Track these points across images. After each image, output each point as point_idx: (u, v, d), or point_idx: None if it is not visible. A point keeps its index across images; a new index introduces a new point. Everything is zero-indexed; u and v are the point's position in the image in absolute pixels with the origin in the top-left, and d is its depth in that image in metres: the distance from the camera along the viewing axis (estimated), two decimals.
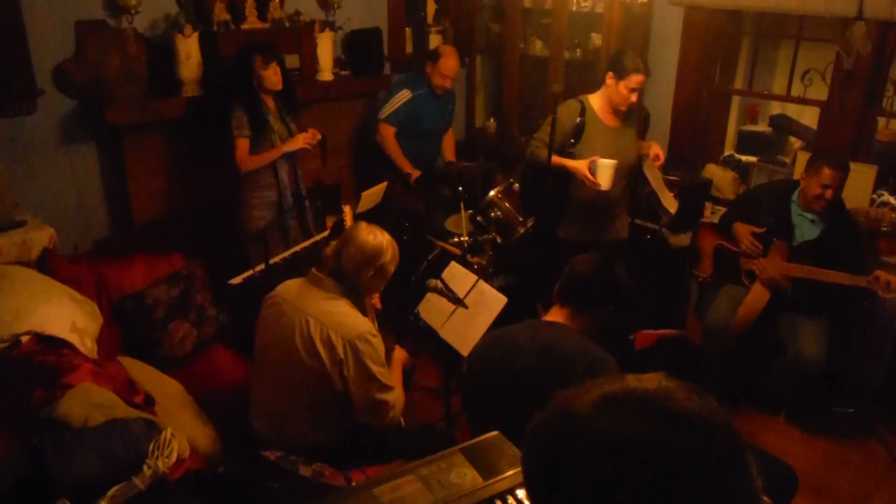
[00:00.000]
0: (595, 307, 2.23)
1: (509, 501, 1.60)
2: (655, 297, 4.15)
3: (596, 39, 4.49)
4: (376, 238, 2.50)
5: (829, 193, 3.20)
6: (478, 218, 3.80)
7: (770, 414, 3.55)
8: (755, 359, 3.56)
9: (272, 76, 3.52)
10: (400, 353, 2.86)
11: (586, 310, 2.22)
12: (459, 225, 3.91)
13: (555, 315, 2.25)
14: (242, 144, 3.50)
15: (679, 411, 0.79)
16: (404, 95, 4.21)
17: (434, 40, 4.95)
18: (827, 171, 3.19)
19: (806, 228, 3.36)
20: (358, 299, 2.58)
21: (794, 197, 3.39)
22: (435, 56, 4.20)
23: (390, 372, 2.63)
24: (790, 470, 2.41)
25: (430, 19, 4.93)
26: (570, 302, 2.23)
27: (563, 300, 2.25)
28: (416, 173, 4.21)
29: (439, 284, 2.91)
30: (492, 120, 5.23)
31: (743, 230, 3.45)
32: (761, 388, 3.59)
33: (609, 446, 0.77)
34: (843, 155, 3.34)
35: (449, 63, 4.18)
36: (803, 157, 3.99)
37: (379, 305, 2.84)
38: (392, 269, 2.56)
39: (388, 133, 4.22)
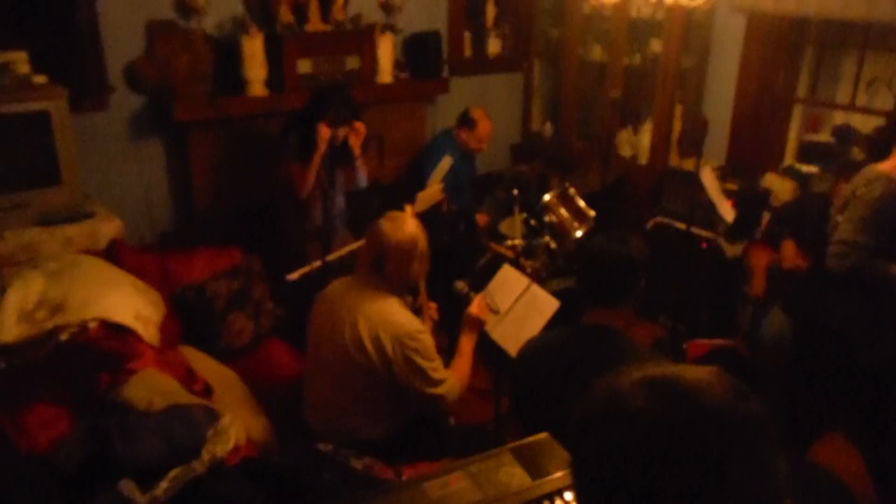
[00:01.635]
0: (629, 293, 2.13)
1: (557, 503, 1.62)
2: (709, 306, 4.09)
3: (655, 45, 4.45)
4: (405, 231, 2.50)
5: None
6: (532, 222, 3.80)
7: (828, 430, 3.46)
8: (813, 373, 3.46)
9: (335, 135, 3.47)
10: (468, 335, 2.80)
11: (623, 299, 2.13)
12: (513, 228, 3.92)
13: (595, 316, 2.15)
14: (297, 170, 3.50)
15: (707, 403, 0.83)
16: (447, 163, 4.18)
17: (493, 45, 4.98)
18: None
19: None
20: (406, 297, 2.61)
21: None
22: (471, 123, 4.23)
23: (458, 349, 2.68)
24: (847, 490, 2.35)
25: (489, 23, 4.96)
26: (604, 301, 2.13)
27: (595, 301, 2.15)
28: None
29: (465, 288, 2.92)
30: (548, 124, 5.22)
31: (790, 250, 3.35)
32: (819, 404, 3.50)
33: (634, 422, 0.85)
34: None
35: (486, 126, 4.23)
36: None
37: (436, 316, 2.85)
38: (427, 247, 2.56)
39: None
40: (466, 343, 2.77)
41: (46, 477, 1.81)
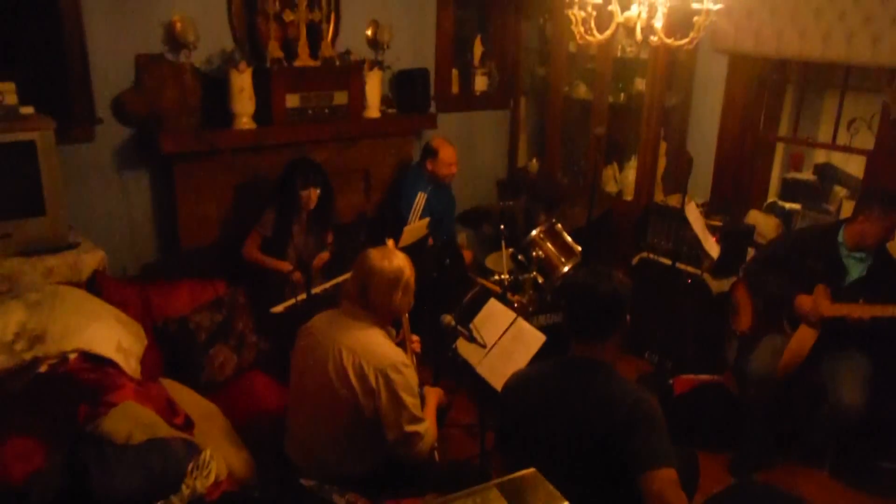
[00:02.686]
0: (614, 327, 2.13)
1: None
2: (695, 341, 4.09)
3: (640, 84, 4.53)
4: (392, 262, 2.51)
5: (886, 234, 3.22)
6: (519, 257, 3.81)
7: (813, 467, 3.44)
8: (797, 408, 3.46)
9: (306, 198, 3.71)
10: (434, 389, 2.85)
11: (609, 333, 2.13)
12: (500, 263, 3.93)
13: (581, 350, 2.15)
14: (255, 238, 3.77)
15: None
16: (421, 198, 4.29)
17: (480, 82, 5.05)
18: (886, 220, 3.20)
19: (856, 269, 3.32)
20: (390, 327, 2.60)
21: (840, 238, 3.35)
22: (432, 152, 4.29)
23: (423, 405, 2.63)
24: None
25: (476, 61, 5.03)
26: (591, 336, 2.14)
27: (580, 336, 2.15)
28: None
29: (452, 322, 2.91)
30: (534, 160, 5.27)
31: (809, 303, 3.32)
32: (804, 440, 3.49)
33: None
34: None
35: (448, 152, 4.29)
36: (849, 206, 3.93)
37: (418, 349, 2.85)
38: (414, 280, 2.57)
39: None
40: (432, 402, 2.76)
41: None
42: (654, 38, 2.60)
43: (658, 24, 2.50)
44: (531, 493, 1.71)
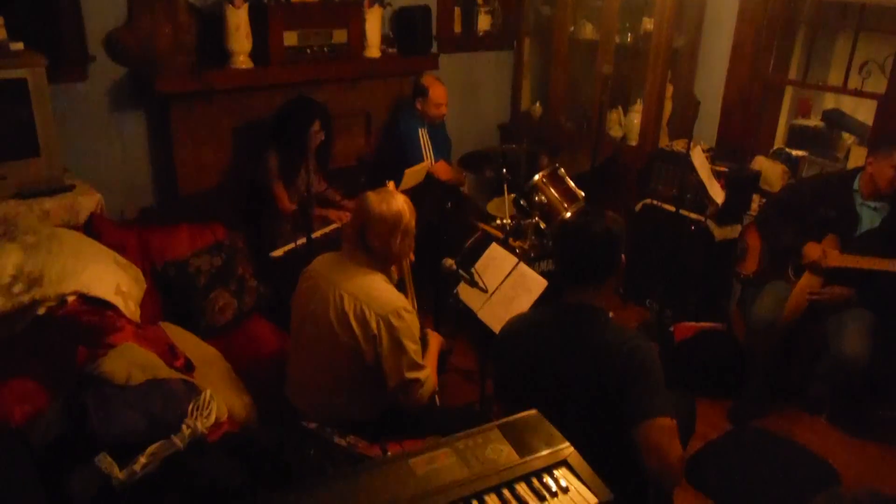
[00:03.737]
0: (608, 270, 2.09)
1: (545, 480, 1.59)
2: (697, 289, 4.08)
3: (647, 24, 4.40)
4: (390, 205, 2.46)
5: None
6: (521, 202, 3.76)
7: (813, 414, 3.47)
8: (799, 357, 3.47)
9: (315, 136, 3.66)
10: (436, 336, 2.84)
11: (602, 277, 2.09)
12: (502, 208, 3.88)
13: (574, 295, 2.11)
14: (280, 191, 3.68)
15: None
16: (424, 135, 4.22)
17: (483, 21, 4.91)
18: None
19: (869, 218, 3.29)
20: (391, 272, 2.56)
21: (856, 186, 3.30)
22: (423, 91, 4.17)
23: (424, 352, 2.62)
24: (832, 470, 2.35)
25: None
26: (586, 280, 2.09)
27: (573, 280, 2.11)
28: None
29: (454, 266, 2.88)
30: (538, 104, 5.17)
31: (817, 251, 3.29)
32: (805, 388, 3.51)
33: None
34: None
35: (439, 92, 4.18)
36: (857, 153, 3.87)
37: (412, 257, 2.76)
38: (414, 223, 2.52)
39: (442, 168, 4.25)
40: (433, 348, 2.74)
41: (22, 450, 1.76)
42: None
43: None
44: (532, 434, 1.71)
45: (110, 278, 2.64)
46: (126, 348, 2.08)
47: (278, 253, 3.43)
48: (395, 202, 2.48)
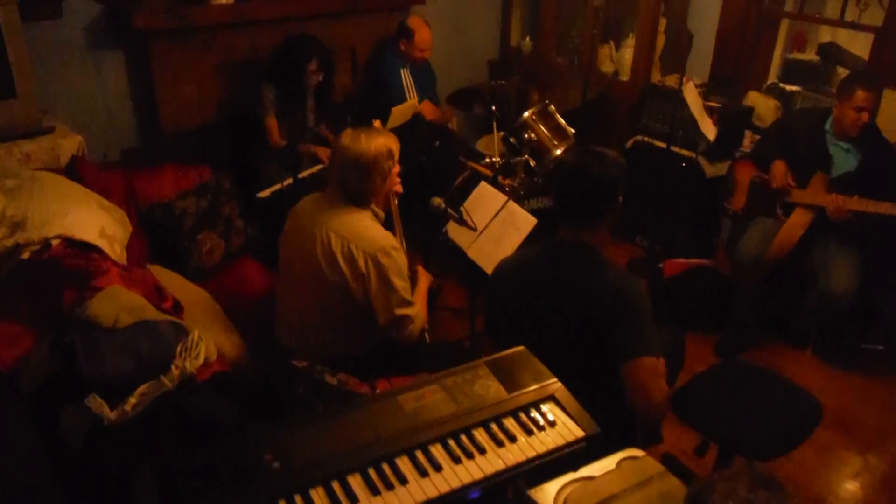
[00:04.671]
0: (604, 211, 2.07)
1: (532, 414, 1.61)
2: (688, 226, 4.08)
3: None
4: (362, 145, 2.39)
5: (864, 116, 3.14)
6: (511, 139, 3.72)
7: (798, 348, 3.52)
8: (785, 292, 3.49)
9: (314, 76, 3.60)
10: (425, 274, 2.84)
11: (599, 217, 2.07)
12: (491, 146, 3.84)
13: (569, 234, 2.10)
14: (272, 124, 3.60)
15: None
16: (407, 76, 4.13)
17: None
18: (860, 93, 3.11)
19: (842, 158, 3.28)
20: (377, 210, 2.53)
21: (828, 126, 3.28)
22: (408, 32, 4.05)
23: (414, 289, 2.62)
24: (815, 400, 2.38)
25: None
26: (580, 221, 2.08)
27: (574, 218, 2.09)
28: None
29: (443, 204, 2.86)
30: (527, 39, 5.06)
31: (780, 170, 3.33)
32: (790, 322, 3.55)
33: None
34: (875, 75, 3.21)
35: (424, 35, 4.07)
36: None
37: (400, 189, 2.70)
38: (386, 166, 2.44)
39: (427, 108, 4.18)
40: (423, 285, 2.73)
41: (11, 392, 1.76)
42: None
43: None
44: (520, 370, 1.72)
45: (95, 221, 2.61)
46: (113, 290, 2.07)
47: (265, 193, 3.40)
48: (369, 142, 2.41)
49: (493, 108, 3.79)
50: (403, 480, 1.42)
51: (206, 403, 1.75)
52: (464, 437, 1.53)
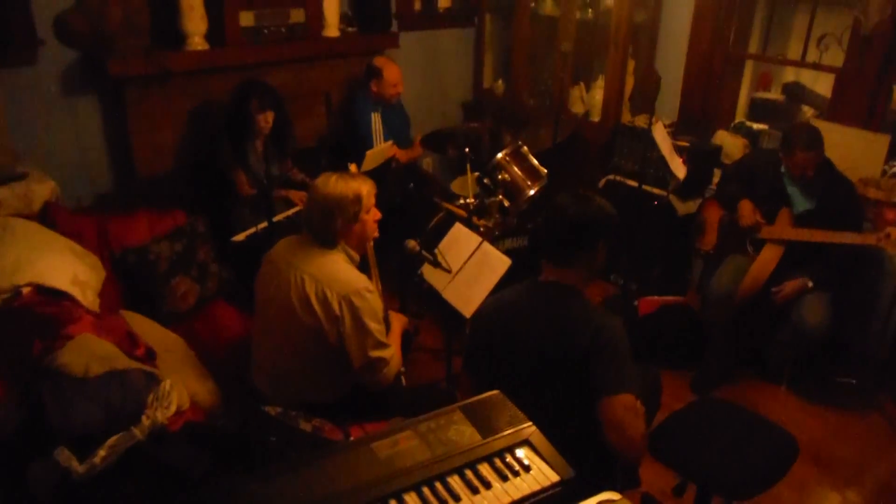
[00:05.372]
0: (587, 253, 2.10)
1: (507, 459, 1.60)
2: (661, 263, 4.12)
3: (608, 0, 4.39)
4: (336, 186, 2.43)
5: (809, 172, 3.22)
6: (485, 180, 3.75)
7: (772, 383, 3.54)
8: (758, 327, 3.53)
9: (262, 122, 3.57)
10: (398, 316, 2.84)
11: (580, 259, 2.10)
12: (465, 187, 3.87)
13: (550, 273, 2.13)
14: (239, 175, 3.62)
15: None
16: (377, 119, 4.17)
17: None
18: (799, 155, 3.20)
19: (801, 198, 3.36)
20: (352, 253, 2.54)
21: (783, 169, 3.35)
22: (376, 73, 4.11)
23: (388, 332, 2.62)
24: (790, 437, 2.40)
25: None
26: (561, 260, 2.11)
27: (552, 258, 2.13)
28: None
29: (417, 247, 2.87)
30: (500, 81, 5.15)
31: (748, 208, 3.40)
32: (763, 357, 3.58)
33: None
34: (811, 131, 3.23)
35: (393, 71, 4.13)
36: (817, 125, 3.91)
37: (377, 234, 2.70)
38: (363, 210, 2.47)
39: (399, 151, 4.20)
40: (397, 328, 2.74)
41: None
42: None
43: None
44: (495, 415, 1.71)
45: (67, 268, 2.59)
46: (83, 339, 2.04)
47: (240, 237, 3.39)
48: (336, 185, 2.44)
49: (467, 149, 3.84)
50: None
51: (178, 454, 1.72)
52: (438, 485, 1.52)
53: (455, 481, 1.54)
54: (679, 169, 3.76)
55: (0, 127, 2.97)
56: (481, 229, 3.56)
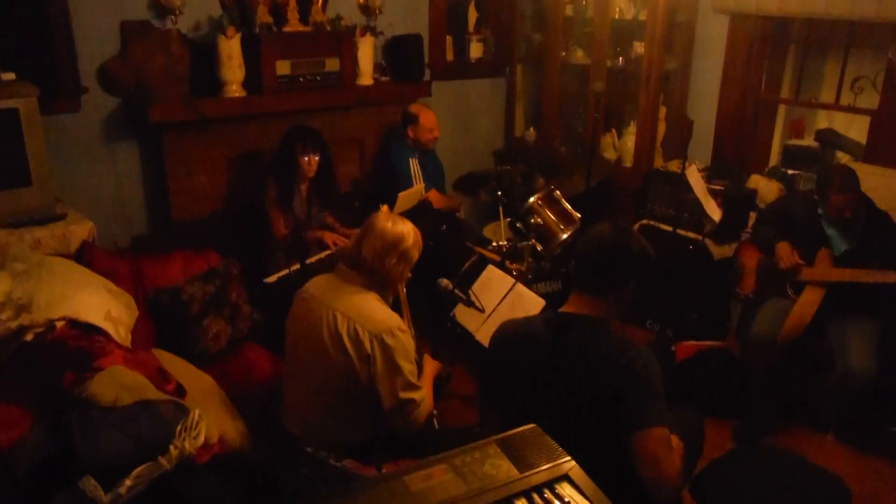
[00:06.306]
0: (617, 287, 2.05)
1: (546, 495, 1.53)
2: (698, 308, 4.03)
3: (639, 48, 4.43)
4: (396, 225, 2.46)
5: (847, 213, 3.16)
6: (517, 224, 3.74)
7: (818, 431, 3.40)
8: (802, 373, 3.41)
9: (306, 165, 3.64)
10: (431, 361, 2.79)
11: (609, 292, 2.05)
12: (498, 233, 3.86)
13: (576, 304, 2.08)
14: (276, 216, 3.68)
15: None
16: (415, 164, 4.25)
17: (475, 49, 4.95)
18: (835, 198, 3.15)
19: (840, 238, 3.29)
20: (386, 293, 2.52)
21: (821, 210, 3.29)
22: (413, 119, 4.20)
23: (421, 375, 2.57)
24: (843, 485, 2.28)
25: (471, 28, 4.94)
26: (590, 288, 2.06)
27: (581, 287, 2.08)
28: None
29: (450, 286, 2.84)
30: (531, 129, 5.18)
31: (786, 250, 3.33)
32: (809, 405, 3.44)
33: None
34: (846, 173, 3.18)
35: (429, 117, 4.22)
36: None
37: (409, 274, 2.69)
38: (416, 254, 2.50)
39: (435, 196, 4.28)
40: (429, 371, 2.69)
41: (4, 475, 1.70)
42: None
43: None
44: (531, 448, 1.65)
45: (101, 304, 2.60)
46: (114, 370, 2.03)
47: (272, 279, 3.40)
48: (402, 225, 2.48)
49: (500, 192, 3.84)
50: None
51: (205, 487, 1.68)
52: None
53: None
54: (714, 211, 3.71)
55: (43, 171, 3.03)
56: (514, 273, 3.53)
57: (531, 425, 1.73)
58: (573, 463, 1.61)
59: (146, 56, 3.57)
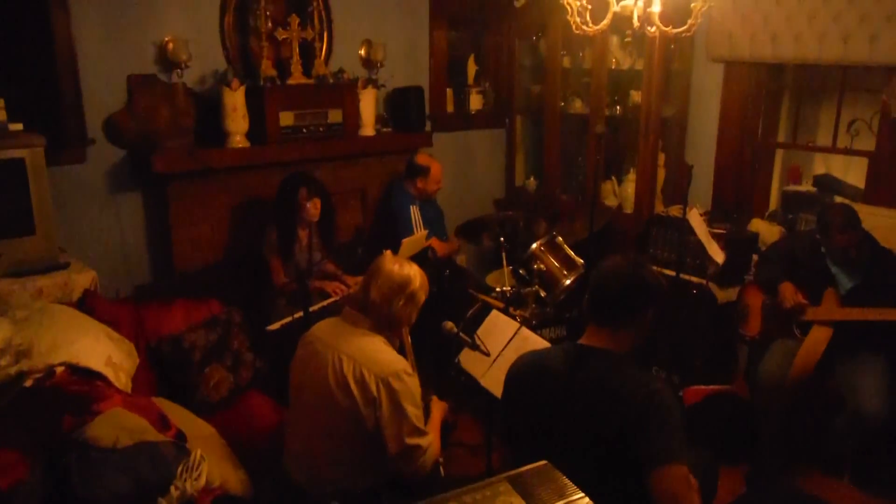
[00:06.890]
0: (635, 317, 2.04)
1: None
2: (704, 353, 3.99)
3: (636, 97, 4.50)
4: (403, 268, 2.46)
5: (851, 252, 3.15)
6: (520, 271, 3.73)
7: (833, 476, 3.31)
8: (814, 416, 3.35)
9: (311, 209, 3.67)
10: (439, 403, 2.75)
11: (627, 323, 2.03)
12: (501, 280, 3.85)
13: (592, 337, 2.06)
14: (276, 264, 3.69)
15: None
16: (416, 212, 4.28)
17: (475, 101, 5.03)
18: (838, 238, 3.14)
19: (846, 276, 3.26)
20: (392, 336, 2.50)
21: (824, 250, 3.28)
22: (423, 171, 4.26)
23: (427, 419, 2.52)
24: None
25: (470, 80, 5.03)
26: (607, 321, 2.04)
27: (597, 320, 2.06)
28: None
29: (454, 329, 2.82)
30: (532, 179, 5.23)
31: (790, 290, 3.31)
32: (823, 448, 3.37)
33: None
34: (846, 212, 3.17)
35: (439, 169, 4.29)
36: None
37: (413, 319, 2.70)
38: (423, 297, 2.49)
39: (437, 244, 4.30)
40: (436, 415, 2.66)
41: None
42: (651, 29, 2.56)
43: (656, 9, 2.45)
44: (543, 485, 1.61)
45: (101, 350, 2.58)
46: (114, 413, 1.99)
47: (275, 326, 3.37)
48: (409, 268, 2.48)
49: (502, 239, 3.84)
50: None
51: None
52: None
53: None
54: (717, 254, 3.71)
55: (48, 220, 3.04)
56: (518, 319, 3.50)
57: (543, 462, 1.69)
58: (587, 500, 1.57)
59: (152, 108, 3.63)
